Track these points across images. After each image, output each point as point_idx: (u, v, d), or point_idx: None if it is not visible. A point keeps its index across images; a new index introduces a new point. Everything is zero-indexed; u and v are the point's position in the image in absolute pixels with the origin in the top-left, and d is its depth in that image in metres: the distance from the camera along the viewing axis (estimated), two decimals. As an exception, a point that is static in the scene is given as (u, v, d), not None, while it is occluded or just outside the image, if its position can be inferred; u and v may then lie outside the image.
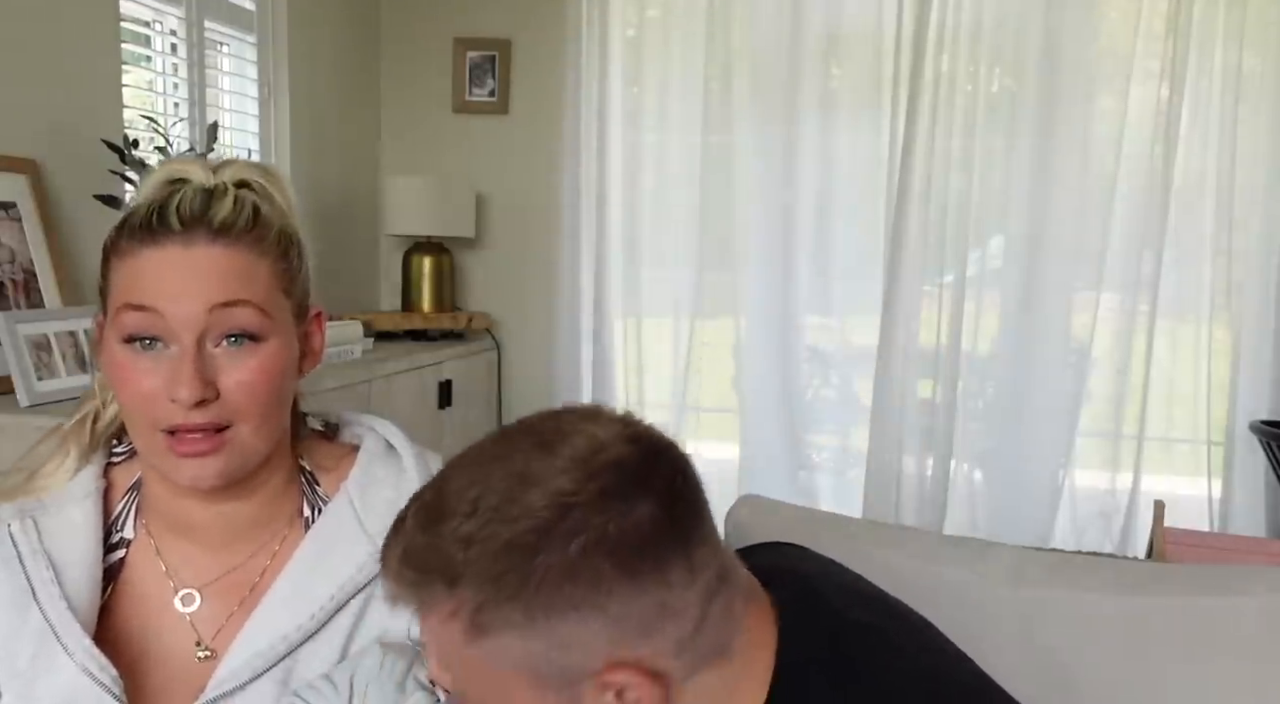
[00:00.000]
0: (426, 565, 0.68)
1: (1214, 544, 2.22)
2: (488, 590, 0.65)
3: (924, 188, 3.42)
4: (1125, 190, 3.35)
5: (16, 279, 2.21)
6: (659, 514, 0.67)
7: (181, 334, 0.84)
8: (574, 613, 0.65)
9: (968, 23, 3.38)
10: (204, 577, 0.93)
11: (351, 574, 0.92)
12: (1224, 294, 3.35)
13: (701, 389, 3.79)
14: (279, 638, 0.88)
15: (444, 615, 0.68)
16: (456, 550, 0.66)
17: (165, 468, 0.88)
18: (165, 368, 0.85)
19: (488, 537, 0.66)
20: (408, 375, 3.14)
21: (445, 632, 0.68)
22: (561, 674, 0.67)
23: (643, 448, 0.70)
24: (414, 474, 0.97)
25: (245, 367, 0.86)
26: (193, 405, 0.84)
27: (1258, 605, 1.11)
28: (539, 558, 0.65)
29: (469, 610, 0.66)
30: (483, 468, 0.69)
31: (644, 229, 3.72)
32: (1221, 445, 3.38)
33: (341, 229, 3.65)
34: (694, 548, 0.69)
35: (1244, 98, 3.23)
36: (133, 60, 2.72)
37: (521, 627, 0.66)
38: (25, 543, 0.91)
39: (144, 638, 0.91)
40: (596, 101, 3.61)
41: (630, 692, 0.67)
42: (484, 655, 0.67)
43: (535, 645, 0.66)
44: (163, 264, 0.85)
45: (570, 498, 0.66)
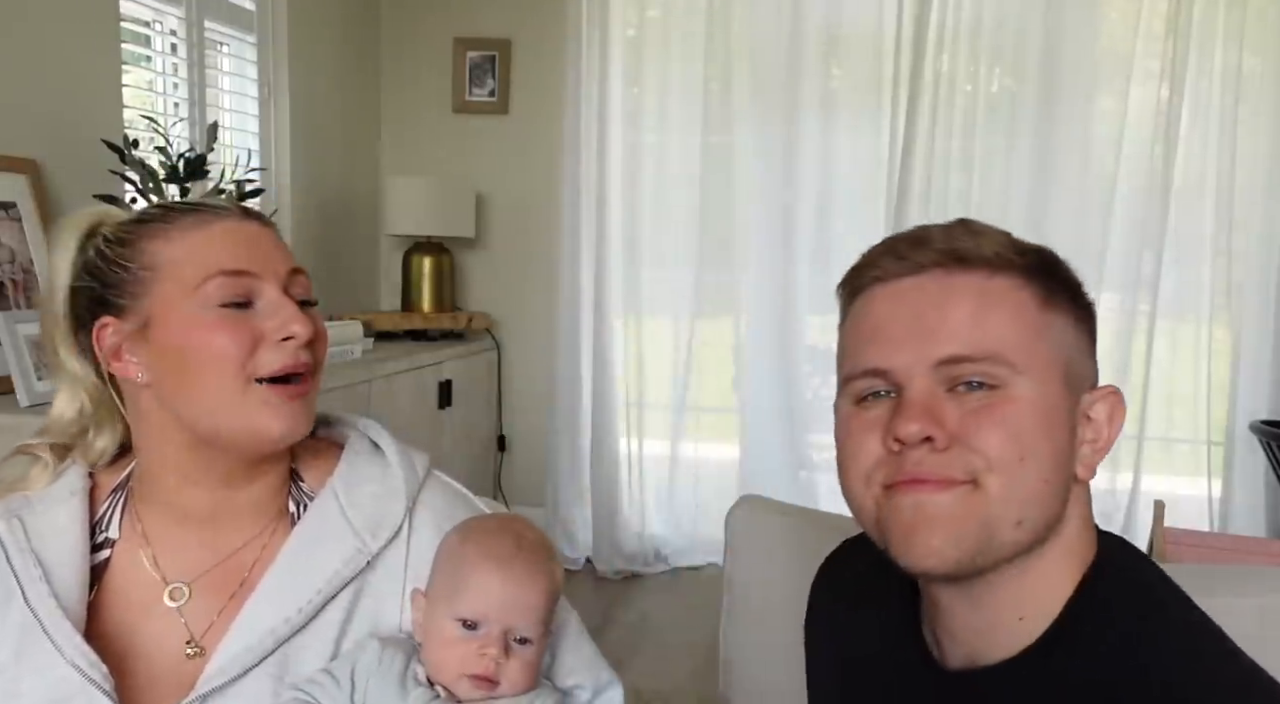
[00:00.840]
0: (1001, 242, 0.76)
1: (1214, 544, 2.22)
2: (1055, 282, 0.76)
3: (924, 188, 3.42)
4: (1125, 190, 3.36)
5: (16, 279, 2.21)
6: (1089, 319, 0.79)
7: (273, 289, 0.91)
8: (1088, 332, 0.78)
9: (968, 23, 3.38)
10: (195, 569, 0.94)
11: (338, 568, 0.92)
12: (1224, 294, 3.35)
13: (701, 389, 3.79)
14: (266, 632, 0.88)
15: (1012, 284, 0.75)
16: (1005, 244, 0.77)
17: (255, 424, 0.89)
18: (264, 316, 0.90)
19: (1061, 264, 0.79)
20: (408, 375, 3.14)
21: (1017, 298, 0.74)
22: (1080, 375, 0.77)
23: None
24: (399, 471, 0.98)
25: (318, 323, 0.94)
26: (305, 343, 0.90)
27: (1257, 605, 1.12)
28: (1063, 273, 0.78)
29: (1040, 289, 0.75)
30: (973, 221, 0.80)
31: (644, 229, 3.72)
32: (1221, 445, 3.39)
33: (341, 229, 3.65)
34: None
35: (1244, 98, 3.23)
36: (133, 60, 2.73)
37: (1075, 321, 0.77)
38: (13, 542, 0.91)
39: (131, 637, 0.91)
40: (596, 101, 3.61)
41: (1101, 423, 0.77)
42: (1048, 327, 0.75)
43: (1080, 341, 0.77)
44: (240, 234, 0.92)
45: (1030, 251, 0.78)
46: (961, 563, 0.72)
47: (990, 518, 0.71)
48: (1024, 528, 0.72)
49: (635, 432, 3.78)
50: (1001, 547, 0.72)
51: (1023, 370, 0.72)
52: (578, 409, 3.72)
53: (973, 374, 0.72)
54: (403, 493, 0.96)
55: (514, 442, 3.97)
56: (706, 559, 3.67)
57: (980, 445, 0.71)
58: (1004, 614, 0.75)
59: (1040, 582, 0.74)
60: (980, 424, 0.71)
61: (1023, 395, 0.72)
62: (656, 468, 3.78)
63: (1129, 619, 0.72)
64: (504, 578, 0.88)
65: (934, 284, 0.74)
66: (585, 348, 3.71)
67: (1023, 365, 0.72)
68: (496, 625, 0.87)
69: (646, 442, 3.78)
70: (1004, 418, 0.71)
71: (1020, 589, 0.74)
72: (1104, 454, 0.76)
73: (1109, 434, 0.76)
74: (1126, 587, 0.75)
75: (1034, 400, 0.72)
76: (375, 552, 0.93)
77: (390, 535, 0.94)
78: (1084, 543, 0.76)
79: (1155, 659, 0.70)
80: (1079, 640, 0.72)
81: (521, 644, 0.87)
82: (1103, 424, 0.76)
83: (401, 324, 3.58)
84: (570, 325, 3.70)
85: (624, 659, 2.94)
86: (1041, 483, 0.72)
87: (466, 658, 0.86)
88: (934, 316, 0.73)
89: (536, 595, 0.88)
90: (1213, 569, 1.37)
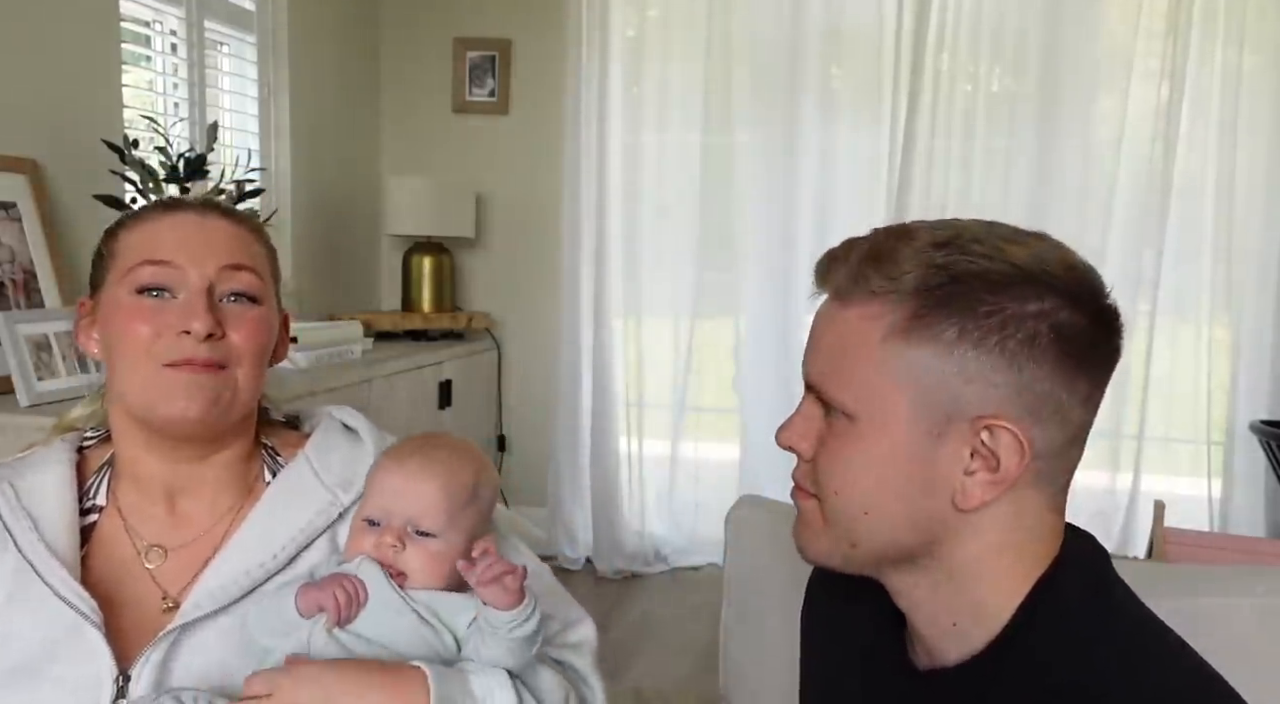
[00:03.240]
0: (883, 265, 0.72)
1: (1214, 544, 2.22)
2: (932, 303, 0.71)
3: (924, 187, 3.42)
4: (1125, 190, 3.36)
5: (16, 279, 2.21)
6: (1101, 337, 0.73)
7: (194, 283, 0.95)
8: (997, 357, 0.70)
9: (968, 22, 3.38)
10: (172, 539, 0.99)
11: (311, 518, 0.97)
12: (1224, 294, 3.35)
13: (701, 389, 3.80)
14: (241, 573, 0.93)
15: (871, 313, 0.73)
16: (920, 263, 0.71)
17: (158, 400, 0.93)
18: (175, 309, 0.94)
19: (955, 263, 0.71)
20: (408, 375, 3.14)
21: (862, 328, 0.73)
22: (947, 405, 0.71)
23: (1103, 281, 0.75)
24: (370, 445, 1.03)
25: (246, 318, 0.97)
26: (203, 338, 0.92)
27: (1257, 605, 1.12)
28: (997, 297, 0.70)
29: (902, 316, 0.71)
30: (959, 222, 0.75)
31: (644, 229, 3.72)
32: (1221, 445, 3.39)
33: (341, 229, 3.65)
34: (1100, 385, 0.75)
35: (1244, 97, 3.23)
36: (133, 60, 2.73)
37: (947, 346, 0.71)
38: (3, 502, 0.96)
39: (116, 589, 0.95)
40: (596, 101, 3.61)
41: (992, 454, 0.71)
42: (887, 360, 0.72)
43: (946, 368, 0.71)
44: (180, 227, 0.98)
45: (1050, 268, 0.71)
46: (822, 563, 0.80)
47: (834, 536, 0.77)
48: (863, 549, 0.76)
49: (635, 432, 3.78)
50: (851, 562, 0.78)
51: (846, 403, 0.74)
52: (578, 409, 3.72)
53: (827, 403, 0.76)
54: (372, 454, 1.00)
55: (514, 442, 3.97)
56: (706, 559, 3.67)
57: (816, 472, 0.78)
58: (940, 619, 0.77)
59: (965, 591, 0.75)
60: (815, 457, 0.78)
61: (842, 428, 0.75)
62: (656, 468, 3.78)
63: (1080, 626, 0.73)
64: (397, 472, 0.91)
65: (825, 311, 0.78)
66: (585, 348, 3.71)
67: (846, 399, 0.74)
68: (397, 518, 0.89)
69: (646, 442, 3.78)
70: (824, 448, 0.77)
71: (945, 597, 0.76)
72: (1003, 486, 0.72)
73: (1012, 468, 0.71)
74: (1080, 594, 0.75)
75: (858, 433, 0.74)
76: (346, 504, 0.97)
77: (359, 492, 0.97)
78: (1027, 553, 0.75)
79: (1106, 667, 0.71)
80: (1028, 647, 0.73)
81: (423, 536, 0.89)
82: (1002, 455, 0.71)
83: (401, 324, 3.58)
84: (570, 325, 3.70)
85: (624, 659, 2.94)
86: (861, 513, 0.75)
87: (371, 547, 0.89)
88: (811, 341, 0.79)
89: (431, 488, 0.89)
90: (1213, 569, 1.37)
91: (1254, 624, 1.11)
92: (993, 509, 0.73)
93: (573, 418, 3.72)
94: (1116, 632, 0.73)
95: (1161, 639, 0.75)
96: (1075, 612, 0.74)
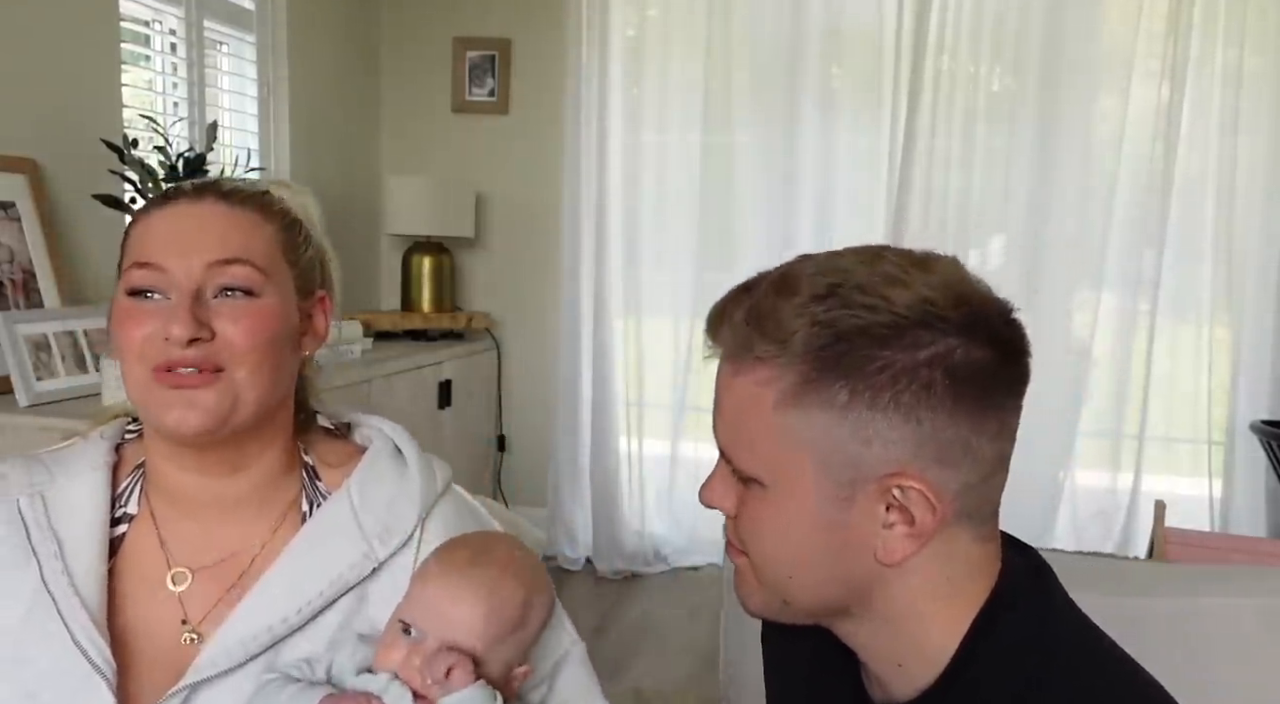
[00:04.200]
0: (765, 327, 0.70)
1: (1214, 544, 2.22)
2: (820, 365, 0.68)
3: (924, 187, 3.42)
4: (1125, 190, 3.35)
5: (16, 279, 2.21)
6: (1001, 366, 0.70)
7: (181, 284, 0.89)
8: (893, 413, 0.67)
9: (968, 22, 3.38)
10: (198, 557, 0.94)
11: (342, 571, 0.91)
12: (1224, 294, 3.35)
13: (701, 389, 3.79)
14: (264, 628, 0.88)
15: (761, 378, 0.71)
16: (803, 323, 0.69)
17: (154, 408, 0.90)
18: (162, 312, 0.89)
19: (838, 319, 0.68)
20: (408, 375, 3.14)
21: (755, 395, 0.71)
22: (850, 467, 0.69)
23: (1003, 303, 0.72)
24: (417, 477, 0.97)
25: (240, 311, 0.90)
26: (187, 343, 0.87)
27: (1258, 606, 1.12)
28: (886, 351, 0.67)
29: (792, 380, 0.69)
30: (845, 263, 0.72)
31: (644, 229, 3.72)
32: (1222, 445, 3.38)
33: (341, 229, 3.63)
34: (1011, 412, 0.72)
35: (1244, 98, 3.23)
36: (132, 60, 2.72)
37: (840, 409, 0.68)
38: (33, 519, 0.92)
39: (134, 611, 0.92)
40: (596, 101, 3.61)
41: (905, 508, 0.69)
42: (785, 428, 0.70)
43: (842, 431, 0.68)
44: (169, 220, 0.92)
45: (936, 310, 0.68)
46: (764, 617, 0.81)
47: (768, 593, 0.77)
48: (796, 606, 0.76)
49: (635, 432, 3.77)
50: (789, 615, 0.77)
51: (754, 471, 0.73)
52: (578, 409, 3.72)
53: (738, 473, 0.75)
54: (418, 501, 0.96)
55: (514, 442, 3.97)
56: (706, 559, 3.67)
57: (739, 532, 0.77)
58: (885, 660, 0.77)
59: (905, 634, 0.75)
60: (737, 516, 0.76)
61: (757, 493, 0.74)
62: (656, 468, 3.78)
63: (1021, 659, 0.72)
64: (441, 587, 0.84)
65: (720, 375, 0.76)
66: (585, 348, 3.71)
67: (752, 468, 0.73)
68: (433, 638, 0.82)
69: (646, 441, 3.78)
70: (743, 509, 0.75)
71: (886, 640, 0.76)
72: (924, 538, 0.70)
73: (929, 521, 0.70)
74: (1018, 626, 0.74)
75: (770, 499, 0.73)
76: (382, 559, 0.92)
77: (400, 543, 0.93)
78: (963, 589, 0.74)
79: (1050, 698, 0.71)
80: (973, 684, 0.73)
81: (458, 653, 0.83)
82: (914, 510, 0.70)
83: (401, 324, 3.58)
84: (570, 325, 3.70)
85: (624, 659, 2.94)
86: (786, 577, 0.74)
87: (400, 663, 0.83)
88: (715, 405, 0.77)
89: (474, 613, 0.82)
90: (1213, 569, 1.37)
91: (1254, 624, 1.11)
92: (920, 555, 0.72)
93: (573, 418, 3.72)
94: (1057, 660, 0.73)
95: (1101, 664, 0.74)
96: (1014, 645, 0.73)
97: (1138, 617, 1.12)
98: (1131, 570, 1.26)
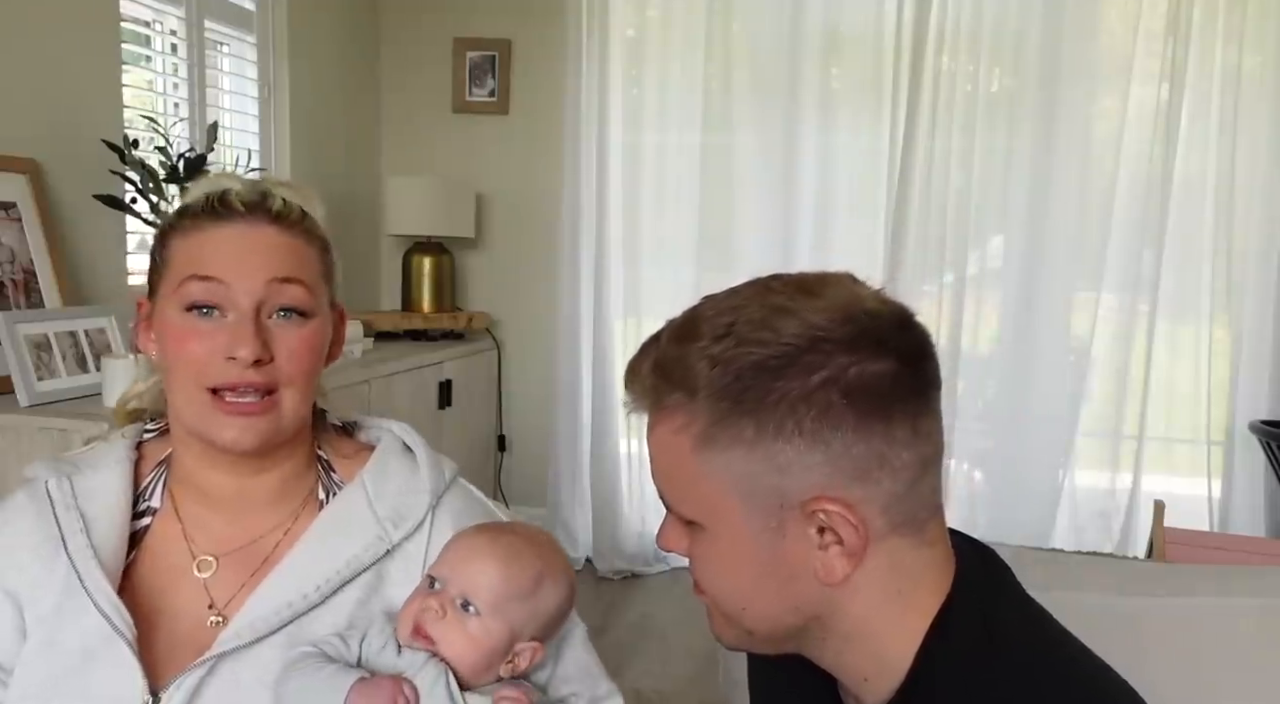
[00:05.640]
0: (671, 376, 0.73)
1: (1214, 544, 2.22)
2: (725, 405, 0.70)
3: (924, 187, 3.42)
4: (1125, 190, 3.35)
5: (16, 279, 2.21)
6: (900, 372, 0.71)
7: (242, 301, 0.92)
8: (799, 440, 0.70)
9: (968, 23, 3.38)
10: (222, 546, 0.98)
11: (357, 552, 0.96)
12: (1224, 294, 3.35)
13: (701, 389, 3.79)
14: (284, 604, 0.92)
15: (676, 426, 0.73)
16: (704, 366, 0.71)
17: (208, 428, 0.93)
18: (224, 331, 0.92)
19: (735, 357, 0.70)
20: (408, 375, 3.14)
21: (673, 442, 0.74)
22: (773, 497, 0.71)
23: (896, 311, 0.74)
24: (426, 474, 1.02)
25: (296, 337, 0.94)
26: (250, 364, 0.91)
27: (1258, 605, 1.12)
28: (780, 382, 0.69)
29: (703, 423, 0.71)
30: (739, 300, 0.74)
31: (644, 229, 3.72)
32: (1221, 445, 3.39)
33: (342, 229, 3.63)
34: (922, 415, 0.73)
35: (1244, 98, 3.23)
36: (133, 60, 2.73)
37: (749, 444, 0.70)
38: (60, 498, 0.96)
39: (159, 600, 0.95)
40: (596, 101, 3.61)
41: (833, 529, 0.71)
42: (706, 470, 0.72)
43: (756, 465, 0.71)
44: (228, 240, 0.94)
45: (823, 333, 0.70)
46: (738, 649, 0.84)
47: (733, 627, 0.80)
48: (760, 636, 0.79)
49: (635, 432, 3.76)
50: (758, 644, 0.80)
51: (691, 516, 0.76)
52: (578, 409, 3.72)
53: (683, 516, 0.77)
54: (428, 490, 1.01)
55: (514, 442, 3.97)
56: (706, 559, 3.67)
57: (695, 573, 0.80)
58: (851, 675, 0.79)
59: (864, 648, 0.76)
60: (691, 559, 0.79)
61: (699, 535, 0.76)
62: (656, 468, 3.78)
63: (976, 666, 0.73)
64: (467, 543, 0.93)
65: (647, 429, 0.78)
66: (585, 348, 3.71)
67: (688, 512, 0.76)
68: (453, 587, 0.90)
69: (646, 442, 3.78)
70: (693, 552, 0.78)
71: (849, 657, 0.78)
72: (859, 554, 0.72)
73: (855, 539, 0.71)
74: (973, 631, 0.75)
75: (710, 540, 0.75)
76: (395, 542, 0.97)
77: (412, 528, 0.98)
78: (916, 597, 0.75)
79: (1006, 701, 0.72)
80: (931, 694, 0.74)
81: (467, 612, 0.89)
82: (840, 530, 0.71)
83: (401, 324, 3.58)
84: (570, 325, 3.70)
85: (624, 659, 2.94)
86: (740, 610, 0.77)
87: (417, 609, 0.90)
88: (649, 458, 0.79)
89: (495, 570, 0.90)
90: (1213, 569, 1.37)
91: (1254, 624, 1.11)
92: (863, 570, 0.73)
93: (573, 418, 3.72)
94: (1011, 661, 0.74)
95: (1055, 662, 0.75)
96: (967, 649, 0.74)
97: (1137, 617, 1.12)
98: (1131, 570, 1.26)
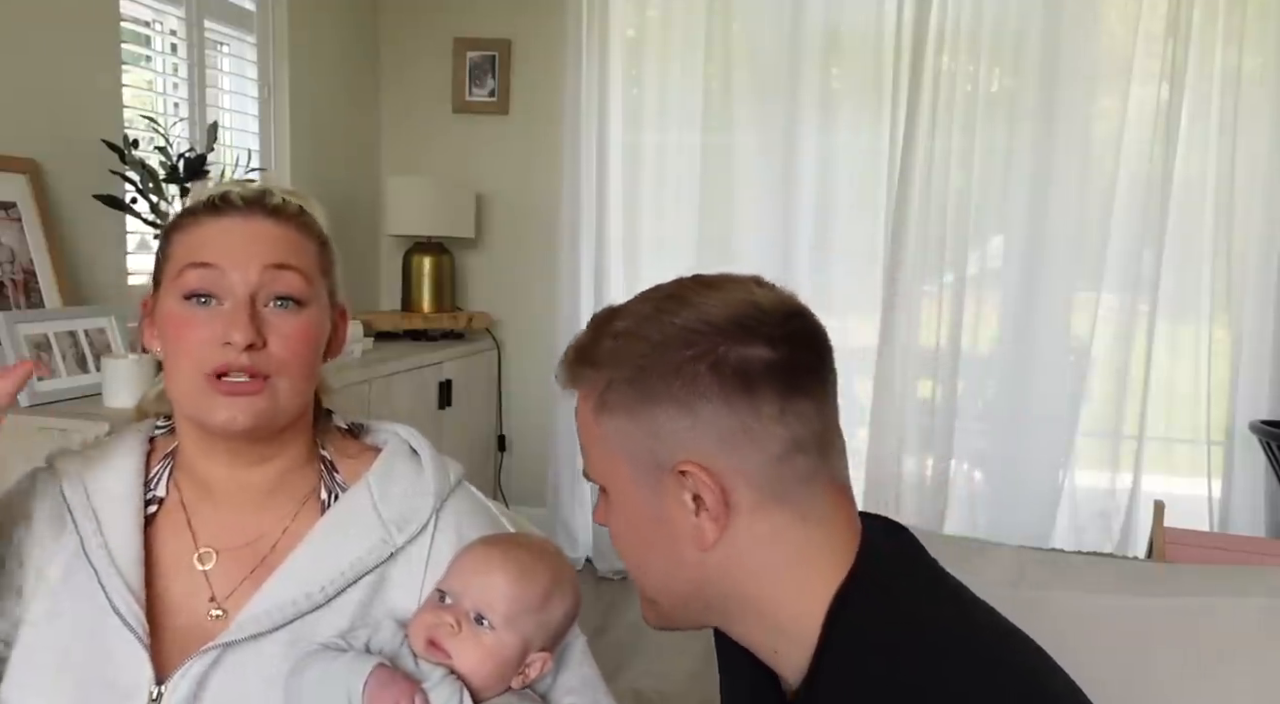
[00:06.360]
0: (585, 354, 0.82)
1: (1214, 544, 2.22)
2: (618, 375, 0.79)
3: (924, 188, 3.42)
4: (1125, 190, 3.35)
5: (16, 279, 2.21)
6: (772, 358, 0.76)
7: (238, 288, 0.95)
8: (671, 406, 0.76)
9: (968, 23, 3.38)
10: (223, 539, 1.00)
11: (361, 555, 0.97)
12: (1224, 294, 3.35)
13: (701, 389, 3.79)
14: (288, 601, 0.94)
15: (583, 396, 0.82)
16: (607, 343, 0.80)
17: (203, 411, 0.95)
18: (220, 318, 0.95)
19: (633, 335, 0.79)
20: (408, 375, 3.14)
21: (582, 410, 0.83)
22: (650, 461, 0.78)
23: (788, 308, 0.80)
24: (431, 477, 1.04)
25: (290, 325, 0.97)
26: (244, 348, 0.93)
27: (1258, 605, 1.12)
28: (663, 356, 0.77)
29: (600, 391, 0.80)
30: (655, 293, 0.82)
31: (644, 229, 3.72)
32: (1221, 445, 3.39)
33: (342, 229, 3.62)
34: (794, 396, 0.77)
35: (1244, 98, 3.23)
36: (133, 60, 2.73)
37: (631, 410, 0.78)
38: (75, 501, 0.99)
39: (163, 586, 0.97)
40: (596, 101, 3.61)
41: (699, 494, 0.77)
42: (601, 433, 0.81)
43: (636, 430, 0.78)
44: (224, 230, 0.97)
45: (707, 321, 0.77)
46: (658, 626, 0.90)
47: (643, 599, 0.88)
48: (665, 606, 0.85)
49: (635, 432, 3.77)
50: (671, 620, 0.87)
51: (597, 480, 0.84)
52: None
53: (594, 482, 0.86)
54: (432, 493, 1.03)
55: (514, 442, 3.97)
56: (706, 559, 3.67)
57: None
58: (765, 649, 0.82)
59: (768, 620, 0.79)
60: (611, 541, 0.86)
61: (607, 501, 0.83)
62: (656, 468, 3.78)
63: (879, 641, 0.75)
64: (479, 557, 0.95)
65: None
66: (585, 348, 3.70)
67: (595, 476, 0.84)
68: (466, 601, 0.91)
69: (646, 442, 3.78)
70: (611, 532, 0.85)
71: (758, 630, 0.81)
72: (724, 519, 0.76)
73: (718, 503, 0.76)
74: (875, 608, 0.76)
75: (611, 504, 0.83)
76: (399, 545, 0.99)
77: (416, 531, 1.00)
78: (812, 570, 0.78)
79: (906, 678, 0.73)
80: (836, 668, 0.75)
81: (482, 626, 0.90)
82: (703, 493, 0.76)
83: (401, 324, 3.58)
84: (570, 325, 3.69)
85: (624, 659, 2.94)
86: (637, 570, 0.85)
87: (431, 623, 0.91)
88: None
89: (507, 583, 0.91)
90: (1213, 569, 1.37)
91: (1254, 624, 1.11)
92: (742, 538, 0.77)
93: (572, 418, 3.71)
94: (920, 637, 0.75)
95: (968, 638, 0.76)
96: (873, 624, 0.76)
97: (1137, 617, 1.12)
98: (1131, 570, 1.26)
